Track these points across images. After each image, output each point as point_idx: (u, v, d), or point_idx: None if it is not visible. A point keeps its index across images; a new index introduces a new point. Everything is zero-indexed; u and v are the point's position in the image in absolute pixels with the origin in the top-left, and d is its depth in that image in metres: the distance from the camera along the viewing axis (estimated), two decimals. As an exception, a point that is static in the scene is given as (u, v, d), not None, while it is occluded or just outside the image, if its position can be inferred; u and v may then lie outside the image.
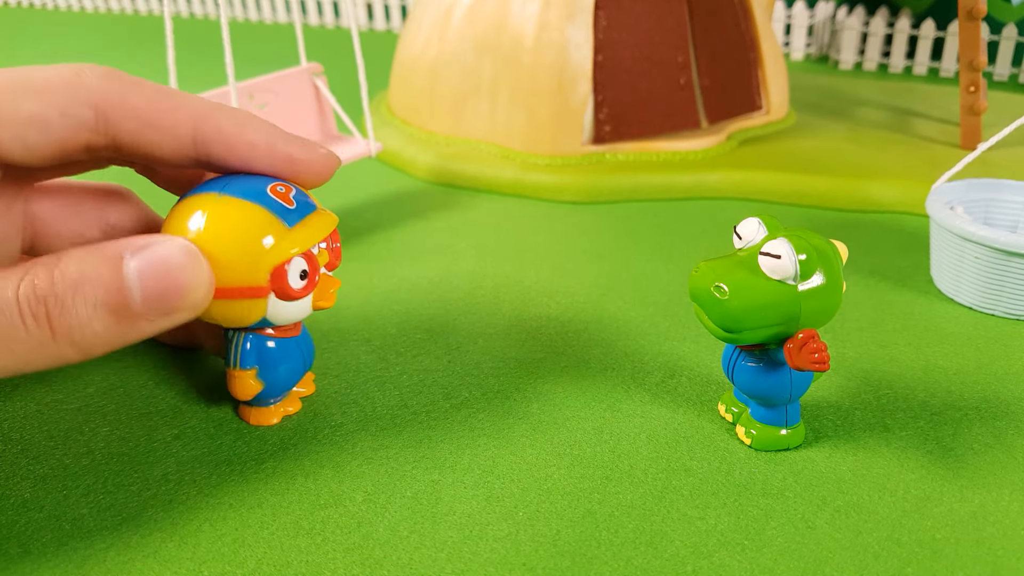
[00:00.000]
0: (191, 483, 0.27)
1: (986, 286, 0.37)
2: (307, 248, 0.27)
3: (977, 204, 0.42)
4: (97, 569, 0.24)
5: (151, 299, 0.24)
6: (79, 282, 0.23)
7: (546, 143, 0.53)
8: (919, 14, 0.83)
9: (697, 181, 0.52)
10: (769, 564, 0.24)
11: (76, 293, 0.23)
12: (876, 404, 0.31)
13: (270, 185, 0.27)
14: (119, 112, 0.26)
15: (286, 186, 0.27)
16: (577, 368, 0.34)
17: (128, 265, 0.24)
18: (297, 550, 0.25)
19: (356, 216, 0.49)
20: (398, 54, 0.62)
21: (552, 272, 0.42)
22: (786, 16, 0.89)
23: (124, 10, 1.26)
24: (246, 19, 1.17)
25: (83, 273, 0.23)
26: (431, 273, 0.42)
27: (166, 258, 0.24)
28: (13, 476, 0.27)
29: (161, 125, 0.26)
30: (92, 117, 0.26)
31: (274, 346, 0.28)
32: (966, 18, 0.53)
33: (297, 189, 0.28)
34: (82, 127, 0.26)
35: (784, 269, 0.25)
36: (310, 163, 0.28)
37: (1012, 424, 0.30)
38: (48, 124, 0.25)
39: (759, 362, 0.27)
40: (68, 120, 0.26)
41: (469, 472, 0.28)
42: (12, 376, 0.24)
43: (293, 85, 0.47)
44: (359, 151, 0.47)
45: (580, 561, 0.24)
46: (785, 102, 0.61)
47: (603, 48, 0.52)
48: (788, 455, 0.28)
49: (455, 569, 0.24)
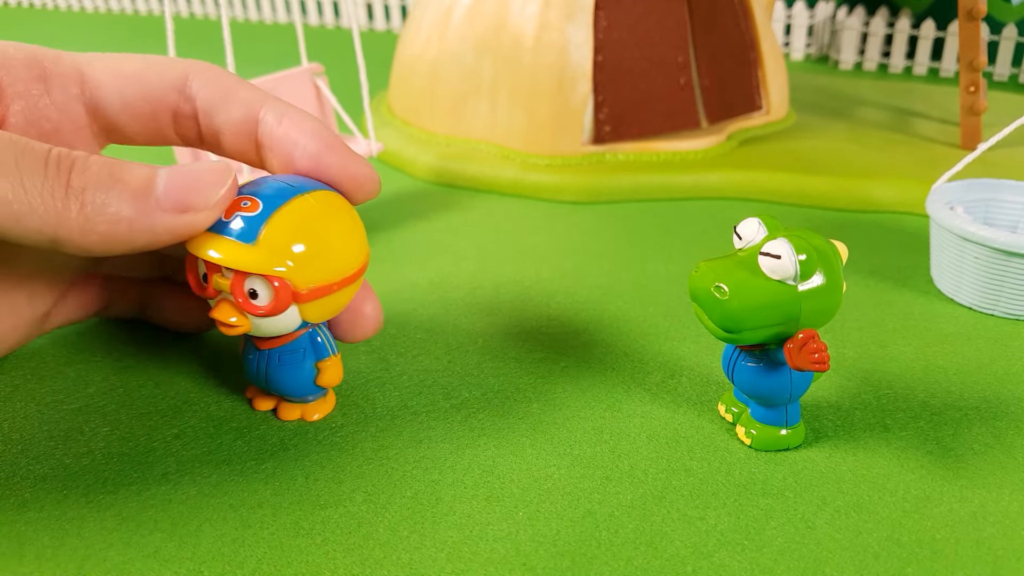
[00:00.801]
0: (191, 483, 0.27)
1: (986, 286, 0.37)
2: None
3: (977, 204, 0.42)
4: (97, 569, 0.24)
5: (171, 190, 0.24)
6: (112, 162, 0.24)
7: (546, 143, 0.53)
8: (919, 14, 0.83)
9: (697, 181, 0.52)
10: (769, 564, 0.24)
11: (104, 165, 0.24)
12: (876, 404, 0.31)
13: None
14: (204, 82, 0.28)
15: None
16: (577, 368, 0.34)
17: (161, 168, 0.25)
18: (297, 550, 0.25)
19: (356, 216, 0.49)
20: (398, 54, 0.62)
21: (552, 272, 0.42)
22: (786, 16, 0.89)
23: (124, 10, 1.26)
24: (246, 19, 1.17)
25: (119, 160, 0.24)
26: (431, 273, 0.42)
27: (198, 167, 0.25)
28: (13, 476, 0.27)
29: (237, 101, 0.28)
30: (183, 81, 0.28)
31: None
32: (966, 18, 0.53)
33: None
34: (174, 88, 0.28)
35: (784, 269, 0.25)
36: (362, 177, 0.29)
37: (1012, 424, 0.30)
38: (146, 80, 0.28)
39: (759, 362, 0.27)
40: (163, 82, 0.28)
41: (469, 472, 0.28)
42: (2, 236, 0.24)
43: (294, 85, 0.47)
44: (360, 151, 0.47)
45: (580, 561, 0.24)
46: (785, 102, 0.61)
47: (603, 48, 0.52)
48: (788, 455, 0.29)
49: (455, 569, 0.24)
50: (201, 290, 0.27)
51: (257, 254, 0.25)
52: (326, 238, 0.26)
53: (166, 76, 0.28)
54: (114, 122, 0.29)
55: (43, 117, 0.28)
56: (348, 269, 0.27)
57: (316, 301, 0.26)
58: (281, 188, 0.26)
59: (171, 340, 0.35)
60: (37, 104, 0.28)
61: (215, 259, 0.25)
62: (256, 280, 0.25)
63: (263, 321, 0.26)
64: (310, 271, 0.26)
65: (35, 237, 0.23)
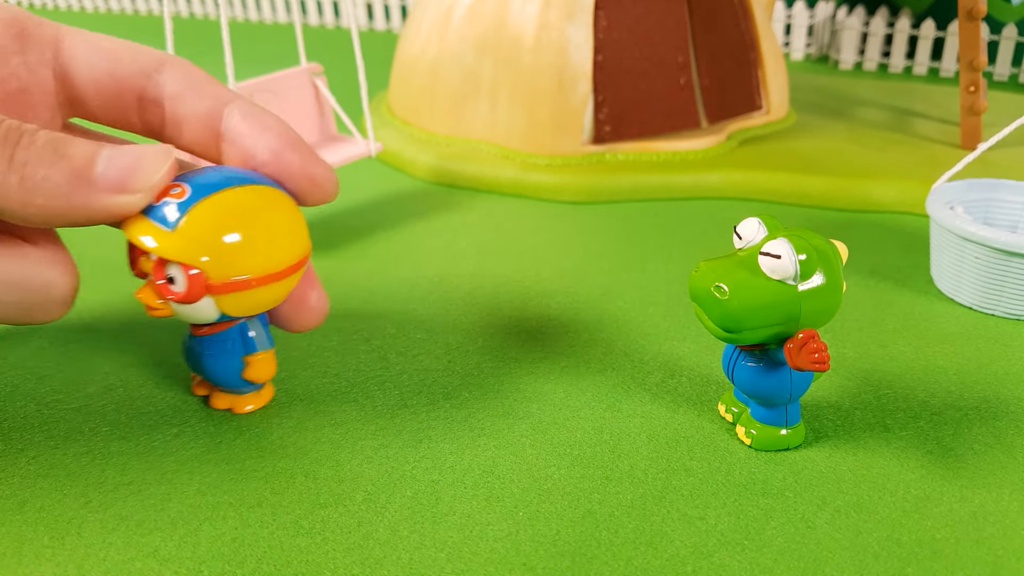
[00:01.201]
0: (190, 482, 0.27)
1: (986, 286, 0.37)
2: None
3: (977, 204, 0.42)
4: (97, 569, 0.24)
5: (110, 169, 0.25)
6: (58, 138, 0.25)
7: (546, 143, 0.53)
8: (919, 14, 0.83)
9: (697, 181, 0.52)
10: (769, 564, 0.24)
11: (49, 141, 0.24)
12: (876, 404, 0.31)
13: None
14: (174, 72, 0.29)
15: None
16: (577, 368, 0.34)
17: (105, 147, 0.25)
18: (297, 549, 0.25)
19: (356, 216, 0.49)
20: (398, 54, 0.62)
21: (552, 272, 0.42)
22: (786, 16, 0.89)
23: (124, 10, 1.26)
24: (246, 19, 1.17)
25: (66, 137, 0.25)
26: (431, 273, 0.42)
27: (140, 149, 0.25)
28: (13, 476, 0.27)
29: (203, 94, 0.29)
30: (155, 67, 0.29)
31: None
32: (966, 18, 0.53)
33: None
34: (143, 73, 0.29)
35: (784, 269, 0.25)
36: (319, 180, 0.29)
37: (1012, 424, 0.30)
38: (118, 59, 0.29)
39: (759, 362, 0.27)
40: (134, 63, 0.29)
41: (469, 472, 0.28)
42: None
43: (293, 85, 0.47)
44: (359, 151, 0.47)
45: (580, 561, 0.24)
46: (785, 102, 0.61)
47: (603, 48, 0.52)
48: (788, 455, 0.28)
49: (455, 569, 0.24)
50: (133, 269, 0.27)
51: (173, 241, 0.25)
52: (251, 232, 0.26)
53: (139, 59, 0.29)
54: (80, 95, 0.29)
55: (13, 75, 0.28)
56: (273, 266, 0.26)
57: (233, 294, 0.26)
58: (216, 179, 0.26)
59: (170, 340, 0.35)
60: (9, 61, 0.28)
61: (136, 241, 0.25)
62: (173, 267, 0.25)
63: (180, 308, 0.26)
64: (227, 264, 0.25)
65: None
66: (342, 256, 0.44)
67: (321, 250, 0.44)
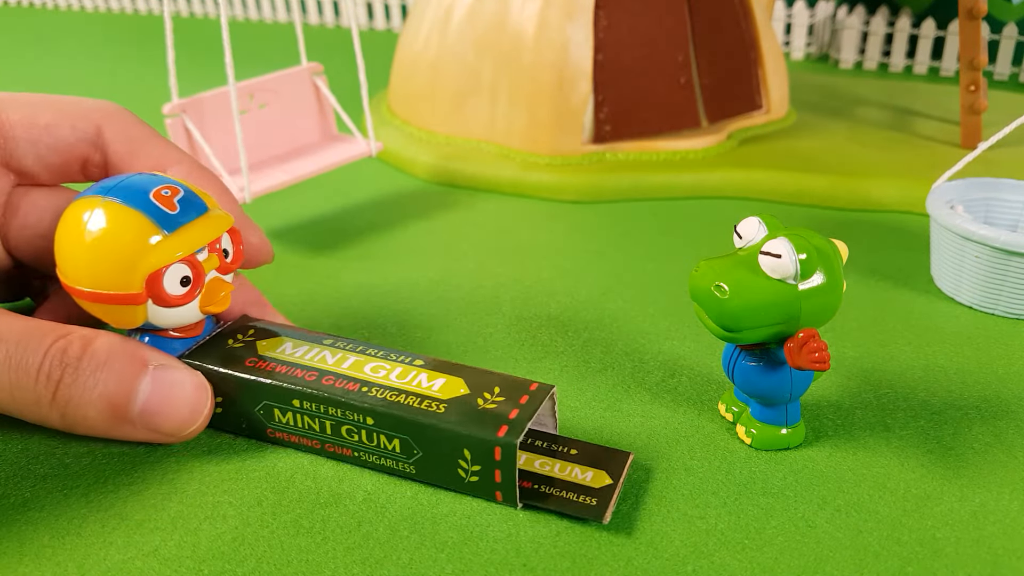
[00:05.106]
0: (191, 481, 0.27)
1: (986, 285, 0.37)
2: (188, 254, 0.27)
3: (977, 203, 0.42)
4: (97, 569, 0.24)
5: (146, 413, 0.27)
6: (102, 367, 0.26)
7: (546, 142, 0.53)
8: (919, 13, 0.83)
9: (697, 181, 0.52)
10: (769, 563, 0.24)
11: (92, 375, 0.26)
12: (876, 403, 0.31)
13: (155, 188, 0.27)
14: (115, 134, 0.31)
15: (172, 188, 0.28)
16: (577, 368, 0.34)
17: (145, 378, 0.27)
18: (297, 549, 0.25)
19: (356, 216, 0.49)
20: (398, 54, 0.62)
21: (552, 272, 0.42)
22: (786, 15, 0.89)
23: (124, 10, 1.26)
24: (246, 19, 1.17)
25: (109, 362, 0.26)
26: (431, 273, 0.42)
27: (179, 386, 0.27)
28: (13, 476, 0.27)
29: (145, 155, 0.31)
30: (95, 132, 0.30)
31: (177, 346, 0.29)
32: (966, 17, 0.53)
33: (186, 190, 0.28)
34: (85, 140, 0.30)
35: (784, 268, 0.25)
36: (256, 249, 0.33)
37: (1012, 424, 0.30)
38: (59, 134, 0.30)
39: (759, 361, 0.27)
40: (75, 133, 0.30)
41: (469, 472, 0.28)
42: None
43: (293, 85, 0.47)
44: (359, 151, 0.47)
45: (580, 561, 0.24)
46: (785, 101, 0.61)
47: (603, 47, 0.52)
48: (788, 454, 0.28)
49: (455, 569, 0.24)
50: (189, 291, 0.29)
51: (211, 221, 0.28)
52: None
53: (78, 127, 0.30)
54: (27, 171, 0.31)
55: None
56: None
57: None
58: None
59: (171, 340, 0.35)
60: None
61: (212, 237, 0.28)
62: (224, 239, 0.29)
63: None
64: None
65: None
66: (342, 256, 0.44)
67: (321, 250, 0.44)
